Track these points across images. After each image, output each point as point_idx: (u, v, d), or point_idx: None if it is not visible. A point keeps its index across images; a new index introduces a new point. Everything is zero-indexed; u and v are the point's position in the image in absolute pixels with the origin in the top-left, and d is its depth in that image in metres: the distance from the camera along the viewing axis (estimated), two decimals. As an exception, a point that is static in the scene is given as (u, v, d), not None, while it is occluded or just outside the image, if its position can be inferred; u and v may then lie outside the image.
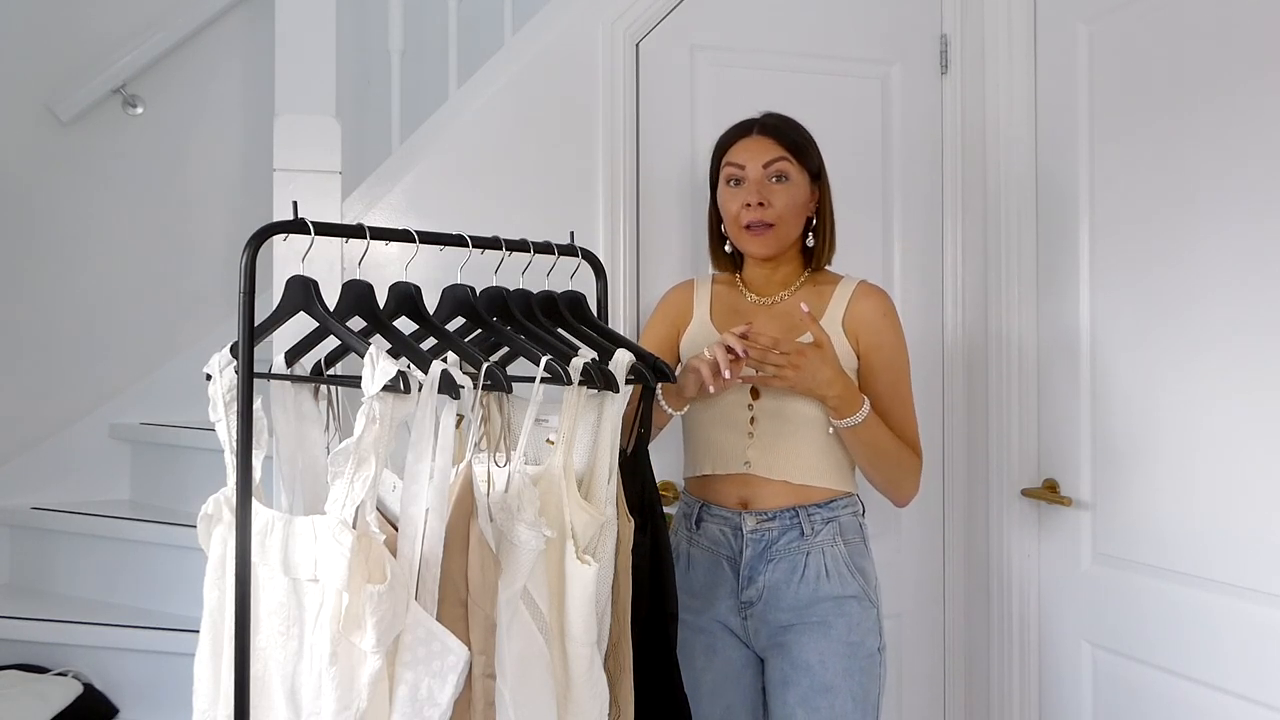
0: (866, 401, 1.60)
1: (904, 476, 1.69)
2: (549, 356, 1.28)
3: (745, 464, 1.67)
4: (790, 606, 1.64)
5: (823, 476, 1.67)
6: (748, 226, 1.68)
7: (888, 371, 1.67)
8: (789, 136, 1.69)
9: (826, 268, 1.77)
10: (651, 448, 1.46)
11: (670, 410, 1.62)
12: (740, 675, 1.69)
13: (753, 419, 1.67)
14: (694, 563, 1.71)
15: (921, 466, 1.70)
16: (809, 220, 1.74)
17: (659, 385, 1.61)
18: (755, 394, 1.68)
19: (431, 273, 1.52)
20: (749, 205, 1.67)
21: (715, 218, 1.79)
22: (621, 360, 1.36)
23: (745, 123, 1.73)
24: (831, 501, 1.67)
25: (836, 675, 1.60)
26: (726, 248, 1.79)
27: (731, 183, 1.70)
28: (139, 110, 2.72)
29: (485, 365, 1.23)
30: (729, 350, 1.50)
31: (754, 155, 1.68)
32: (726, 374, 1.48)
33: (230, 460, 1.29)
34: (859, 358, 1.68)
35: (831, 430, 1.63)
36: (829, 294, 1.71)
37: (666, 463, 1.95)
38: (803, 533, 1.65)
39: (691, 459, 1.76)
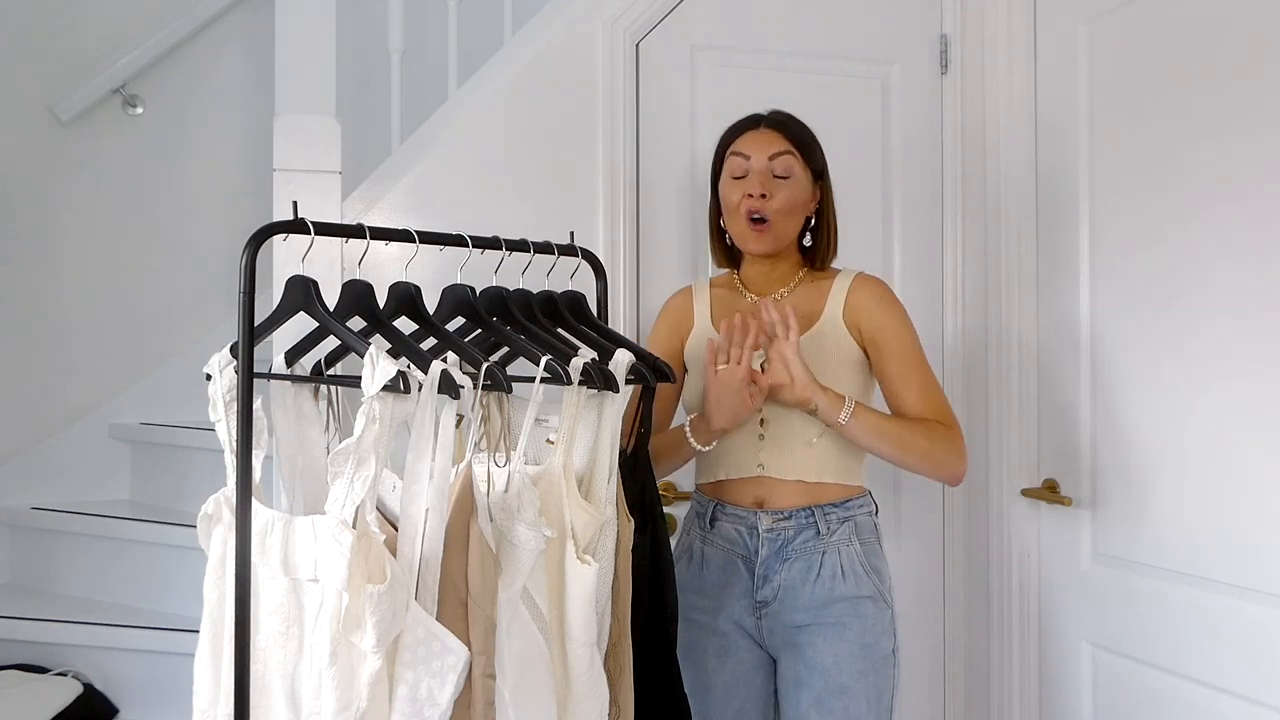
0: (847, 398, 1.59)
1: (937, 451, 1.63)
2: (549, 356, 1.28)
3: (759, 467, 1.67)
4: (806, 606, 1.63)
5: (836, 473, 1.67)
6: (748, 215, 1.67)
7: (896, 355, 1.67)
8: (795, 132, 1.70)
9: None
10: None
11: (699, 446, 1.62)
12: (753, 676, 1.69)
13: (763, 420, 1.67)
14: (708, 561, 1.70)
15: (960, 437, 1.65)
16: (807, 220, 1.74)
17: (688, 423, 1.62)
18: None
19: (431, 273, 1.52)
20: (750, 195, 1.66)
21: (717, 213, 1.78)
22: (621, 360, 1.36)
23: (753, 116, 1.73)
24: (847, 501, 1.67)
25: (851, 677, 1.60)
26: (726, 241, 1.79)
27: (735, 174, 1.70)
28: (139, 110, 2.72)
29: (485, 365, 1.23)
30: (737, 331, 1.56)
31: (760, 146, 1.68)
32: (746, 347, 1.54)
33: (230, 460, 1.28)
34: (864, 348, 1.68)
35: (821, 434, 1.63)
36: (827, 289, 1.71)
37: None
38: (819, 532, 1.65)
39: (704, 465, 1.74)
